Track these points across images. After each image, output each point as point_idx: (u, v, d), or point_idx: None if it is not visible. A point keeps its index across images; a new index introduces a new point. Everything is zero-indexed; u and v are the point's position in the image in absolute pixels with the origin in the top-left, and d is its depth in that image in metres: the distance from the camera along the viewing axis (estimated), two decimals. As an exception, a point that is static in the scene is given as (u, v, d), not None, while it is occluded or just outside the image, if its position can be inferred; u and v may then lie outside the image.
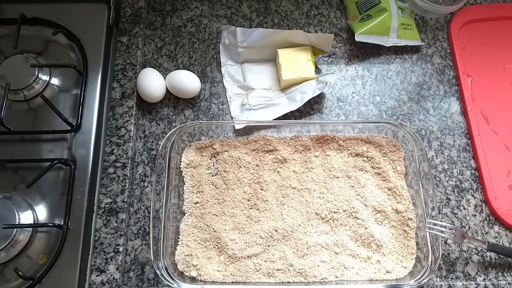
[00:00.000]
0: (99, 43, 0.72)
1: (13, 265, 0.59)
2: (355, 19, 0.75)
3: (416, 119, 0.72)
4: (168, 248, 0.62)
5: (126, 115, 0.69)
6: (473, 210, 0.67)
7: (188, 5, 0.79)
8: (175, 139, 0.66)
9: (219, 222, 0.64)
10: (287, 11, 0.79)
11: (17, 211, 0.61)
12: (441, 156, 0.70)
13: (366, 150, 0.67)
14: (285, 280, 0.61)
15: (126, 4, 0.76)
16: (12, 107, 0.68)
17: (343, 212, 0.64)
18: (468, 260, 0.64)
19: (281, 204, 0.65)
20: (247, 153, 0.68)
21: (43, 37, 0.72)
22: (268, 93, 0.73)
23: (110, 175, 0.66)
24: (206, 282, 0.61)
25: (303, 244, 0.62)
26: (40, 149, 0.66)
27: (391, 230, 0.63)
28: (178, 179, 0.67)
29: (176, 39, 0.77)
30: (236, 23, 0.78)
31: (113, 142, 0.68)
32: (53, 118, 0.67)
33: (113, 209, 0.64)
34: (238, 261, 0.61)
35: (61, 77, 0.71)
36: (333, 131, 0.69)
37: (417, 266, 0.61)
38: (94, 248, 0.62)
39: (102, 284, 0.60)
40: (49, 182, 0.64)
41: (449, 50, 0.77)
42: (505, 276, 0.63)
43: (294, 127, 0.69)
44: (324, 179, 0.66)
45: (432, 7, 0.75)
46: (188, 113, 0.72)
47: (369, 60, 0.76)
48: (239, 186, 0.66)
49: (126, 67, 0.72)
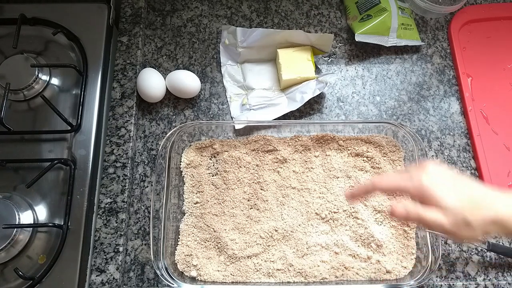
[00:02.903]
0: (99, 43, 0.72)
1: (13, 265, 0.59)
2: (355, 19, 0.75)
3: (416, 119, 0.72)
4: (168, 248, 0.62)
5: (126, 115, 0.69)
6: (473, 210, 0.66)
7: (188, 5, 0.79)
8: (175, 139, 0.66)
9: (219, 222, 0.64)
10: (287, 11, 0.79)
11: (17, 211, 0.61)
12: (441, 156, 0.70)
13: (366, 150, 0.67)
14: (285, 280, 0.61)
15: (126, 4, 0.76)
16: (12, 107, 0.68)
17: (343, 212, 0.64)
18: (468, 260, 0.64)
19: (281, 204, 0.65)
20: (247, 153, 0.68)
21: (43, 37, 0.72)
22: (268, 93, 0.73)
23: (110, 175, 0.66)
24: (206, 282, 0.61)
25: (303, 244, 0.62)
26: (40, 149, 0.66)
27: (391, 230, 0.63)
28: (178, 179, 0.67)
29: (176, 39, 0.77)
30: (236, 23, 0.78)
31: (113, 142, 0.68)
32: (53, 118, 0.67)
33: (113, 209, 0.64)
34: (238, 261, 0.61)
35: (61, 77, 0.71)
36: (333, 131, 0.69)
37: (417, 266, 0.61)
38: (94, 248, 0.62)
39: (102, 284, 0.60)
40: (49, 182, 0.64)
41: (449, 50, 0.77)
42: (505, 276, 0.63)
43: (294, 127, 0.69)
44: (324, 179, 0.66)
45: (432, 7, 0.75)
46: (188, 113, 0.72)
47: (369, 60, 0.76)
48: (239, 186, 0.66)
49: (126, 67, 0.72)
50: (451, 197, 0.43)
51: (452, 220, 0.42)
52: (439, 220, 0.42)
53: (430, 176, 0.44)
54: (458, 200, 0.42)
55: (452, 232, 0.43)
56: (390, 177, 0.48)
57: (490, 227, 0.42)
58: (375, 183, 0.48)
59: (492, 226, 0.42)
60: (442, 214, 0.42)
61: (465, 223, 0.42)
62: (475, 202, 0.42)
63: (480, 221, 0.41)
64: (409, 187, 0.45)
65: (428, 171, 0.45)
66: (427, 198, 0.44)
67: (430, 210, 0.43)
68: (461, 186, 0.44)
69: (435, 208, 0.43)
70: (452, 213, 0.42)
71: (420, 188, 0.44)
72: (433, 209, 0.43)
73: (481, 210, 0.42)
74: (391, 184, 0.47)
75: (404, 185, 0.45)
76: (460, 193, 0.43)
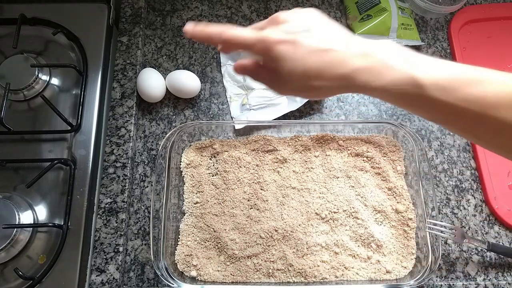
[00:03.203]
0: (99, 43, 0.72)
1: (13, 265, 0.59)
2: (355, 19, 0.75)
3: (416, 119, 0.72)
4: (168, 248, 0.62)
5: (126, 115, 0.69)
6: (473, 210, 0.67)
7: (188, 5, 0.79)
8: (175, 139, 0.66)
9: (219, 222, 0.64)
10: (287, 11, 0.79)
11: (17, 211, 0.61)
12: (441, 156, 0.70)
13: (366, 150, 0.67)
14: (285, 280, 0.61)
15: (126, 4, 0.76)
16: (12, 107, 0.68)
17: (343, 212, 0.64)
18: (468, 260, 0.64)
19: (281, 204, 0.65)
20: (247, 153, 0.68)
21: (43, 37, 0.72)
22: (268, 93, 0.73)
23: (110, 175, 0.66)
24: (206, 282, 0.61)
25: (303, 244, 0.62)
26: (40, 149, 0.66)
27: (391, 230, 0.63)
28: (178, 179, 0.67)
29: (176, 39, 0.77)
30: (236, 23, 0.78)
31: (113, 142, 0.68)
32: (53, 118, 0.67)
33: (113, 209, 0.64)
34: (238, 261, 0.61)
35: (61, 77, 0.71)
36: (333, 131, 0.69)
37: (417, 266, 0.61)
38: (94, 248, 0.62)
39: (102, 284, 0.60)
40: (49, 182, 0.64)
41: (449, 50, 0.77)
42: (505, 276, 0.63)
43: (294, 127, 0.69)
44: (324, 179, 0.66)
45: (432, 7, 0.75)
46: (188, 113, 0.72)
47: (369, 60, 0.76)
48: (239, 186, 0.66)
49: (126, 67, 0.72)
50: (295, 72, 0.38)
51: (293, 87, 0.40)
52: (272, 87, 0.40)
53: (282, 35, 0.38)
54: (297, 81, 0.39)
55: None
56: (237, 33, 0.40)
57: (337, 88, 0.39)
58: (222, 35, 0.40)
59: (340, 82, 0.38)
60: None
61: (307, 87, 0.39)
62: (328, 65, 0.37)
63: (328, 82, 0.38)
64: (251, 48, 0.39)
65: (283, 28, 0.38)
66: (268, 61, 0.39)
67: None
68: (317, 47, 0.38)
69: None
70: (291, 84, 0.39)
71: (265, 51, 0.39)
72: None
73: (333, 71, 0.37)
74: (235, 39, 0.40)
75: (247, 45, 0.39)
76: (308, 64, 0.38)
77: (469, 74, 0.37)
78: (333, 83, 0.38)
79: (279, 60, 0.38)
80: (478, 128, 0.38)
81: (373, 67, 0.37)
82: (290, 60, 0.38)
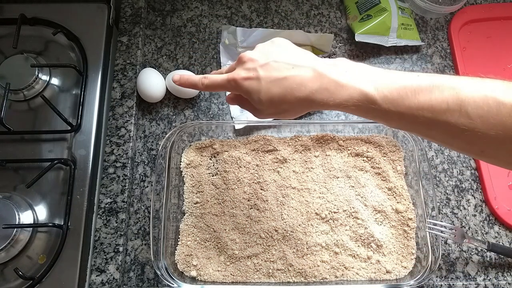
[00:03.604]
0: (99, 43, 0.72)
1: (13, 265, 0.59)
2: (355, 19, 0.75)
3: (416, 119, 0.72)
4: (168, 248, 0.62)
5: (126, 115, 0.69)
6: (473, 210, 0.67)
7: (188, 5, 0.79)
8: (175, 139, 0.66)
9: (219, 222, 0.64)
10: (287, 11, 0.79)
11: (17, 211, 0.61)
12: (441, 156, 0.70)
13: (366, 150, 0.67)
14: (285, 280, 0.61)
15: (126, 4, 0.76)
16: (12, 107, 0.68)
17: (343, 212, 0.64)
18: (468, 260, 0.64)
19: (281, 204, 0.65)
20: (247, 153, 0.68)
21: (43, 37, 0.72)
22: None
23: (110, 175, 0.66)
24: (206, 282, 0.61)
25: (303, 244, 0.62)
26: (40, 149, 0.66)
27: (391, 230, 0.63)
28: (178, 179, 0.67)
29: (176, 39, 0.77)
30: (236, 23, 0.78)
31: (113, 142, 0.68)
32: (53, 118, 0.67)
33: (113, 209, 0.64)
34: (238, 261, 0.61)
35: (61, 77, 0.71)
36: (333, 131, 0.69)
37: (417, 266, 0.61)
38: (94, 248, 0.62)
39: (102, 284, 0.60)
40: (49, 182, 0.64)
41: (449, 50, 0.77)
42: (505, 276, 0.63)
43: (294, 127, 0.69)
44: (324, 179, 0.66)
45: (432, 7, 0.75)
46: (188, 113, 0.72)
47: (369, 60, 0.76)
48: (239, 186, 0.66)
49: (126, 67, 0.72)
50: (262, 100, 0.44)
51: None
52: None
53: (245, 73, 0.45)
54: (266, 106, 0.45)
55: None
56: (214, 78, 0.48)
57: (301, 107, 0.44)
58: (203, 82, 0.49)
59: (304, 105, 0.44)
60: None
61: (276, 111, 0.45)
62: (289, 90, 0.43)
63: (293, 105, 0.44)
64: (227, 88, 0.47)
65: (246, 66, 0.45)
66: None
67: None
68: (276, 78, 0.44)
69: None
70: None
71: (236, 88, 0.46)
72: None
73: (294, 95, 0.43)
74: (213, 84, 0.48)
75: (223, 86, 0.47)
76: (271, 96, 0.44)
77: (420, 83, 0.39)
78: (297, 105, 0.44)
79: (248, 93, 0.45)
80: (434, 133, 0.40)
81: (328, 87, 0.42)
82: (256, 92, 0.44)
